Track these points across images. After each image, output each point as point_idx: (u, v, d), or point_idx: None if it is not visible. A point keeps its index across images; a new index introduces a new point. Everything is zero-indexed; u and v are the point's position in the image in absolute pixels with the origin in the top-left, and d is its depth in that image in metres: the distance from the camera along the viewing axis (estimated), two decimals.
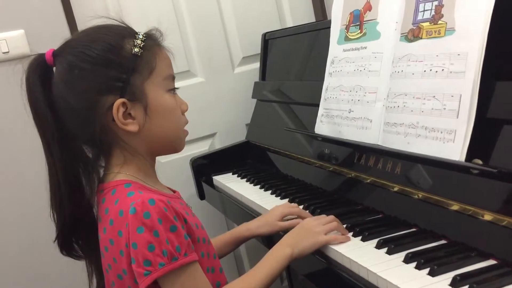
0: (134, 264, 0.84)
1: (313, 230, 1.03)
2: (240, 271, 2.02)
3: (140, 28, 0.96)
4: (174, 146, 0.99)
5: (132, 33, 0.94)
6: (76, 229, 0.96)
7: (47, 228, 0.98)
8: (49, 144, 0.92)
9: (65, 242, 0.97)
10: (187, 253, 0.86)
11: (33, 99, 0.91)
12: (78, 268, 1.04)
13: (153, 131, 0.93)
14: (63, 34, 1.64)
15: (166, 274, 0.84)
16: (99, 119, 0.89)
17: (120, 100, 0.89)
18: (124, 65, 0.90)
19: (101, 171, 0.96)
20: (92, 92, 0.89)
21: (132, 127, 0.91)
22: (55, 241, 0.96)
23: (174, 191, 1.03)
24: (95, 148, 0.95)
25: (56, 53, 0.93)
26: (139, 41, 0.92)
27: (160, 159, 1.74)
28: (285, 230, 1.11)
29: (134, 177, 0.93)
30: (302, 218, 1.16)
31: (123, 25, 0.95)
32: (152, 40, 0.94)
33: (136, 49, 0.91)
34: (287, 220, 1.18)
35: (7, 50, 1.63)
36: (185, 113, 1.00)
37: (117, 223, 0.88)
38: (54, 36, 1.62)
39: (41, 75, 0.92)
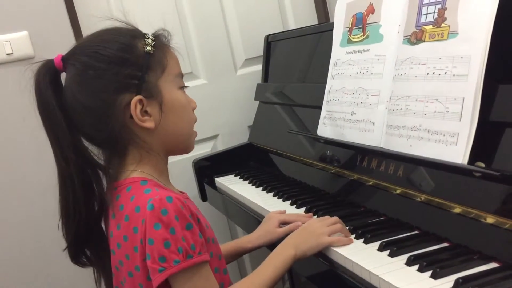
0: (149, 260, 0.85)
1: (317, 231, 1.03)
2: (242, 272, 2.02)
3: (144, 29, 0.98)
4: (186, 144, 1.01)
5: (141, 34, 0.96)
6: (89, 236, 0.96)
7: (54, 230, 0.97)
8: (63, 149, 0.91)
9: (77, 251, 0.97)
10: (201, 252, 0.86)
11: (45, 104, 0.91)
12: (83, 270, 1.03)
13: (169, 127, 0.95)
14: (66, 35, 1.67)
15: (180, 271, 0.84)
16: (117, 117, 0.90)
17: (137, 97, 0.90)
18: (139, 63, 0.91)
19: (112, 170, 0.96)
20: (108, 91, 0.90)
21: (149, 123, 0.92)
22: (65, 249, 0.96)
23: (182, 193, 1.03)
24: (109, 148, 0.95)
25: (66, 57, 0.94)
26: (150, 40, 0.94)
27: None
28: (283, 236, 1.12)
29: (149, 175, 0.94)
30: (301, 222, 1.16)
31: (130, 27, 0.97)
32: (161, 40, 0.96)
33: (149, 48, 0.93)
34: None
35: (11, 52, 1.64)
36: None
37: (133, 219, 0.88)
38: (58, 37, 1.65)
39: (51, 80, 0.92)
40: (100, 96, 0.90)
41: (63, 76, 0.95)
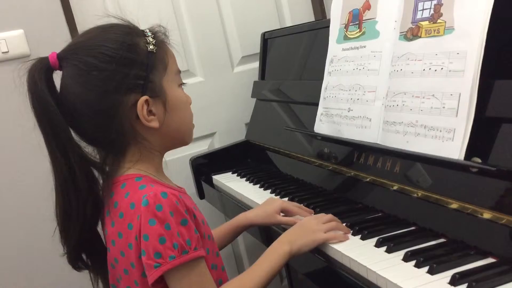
0: (144, 256, 0.84)
1: (312, 228, 1.04)
2: (240, 269, 2.03)
3: (140, 27, 0.97)
4: (187, 138, 1.01)
5: (140, 31, 0.95)
6: (90, 239, 0.95)
7: (50, 232, 0.96)
8: (66, 150, 0.89)
9: (77, 257, 0.96)
10: (196, 247, 0.86)
11: (41, 102, 0.89)
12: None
13: (172, 125, 0.95)
14: (62, 33, 1.67)
15: (175, 267, 0.84)
16: (123, 118, 0.90)
17: (144, 98, 0.90)
18: (143, 63, 0.91)
19: (108, 168, 0.96)
20: (115, 92, 0.89)
21: (154, 123, 0.92)
22: (64, 255, 0.95)
23: (180, 188, 1.03)
24: (108, 148, 0.94)
25: (63, 56, 0.92)
26: (151, 39, 0.93)
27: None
28: (281, 225, 1.12)
29: (145, 172, 0.93)
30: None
31: (127, 23, 0.95)
32: (159, 37, 0.96)
33: (151, 47, 0.92)
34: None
35: (6, 50, 1.63)
36: None
37: (128, 215, 0.88)
38: (54, 35, 1.65)
39: (46, 78, 0.90)
40: (106, 97, 0.89)
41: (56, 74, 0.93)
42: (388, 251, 0.95)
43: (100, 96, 0.89)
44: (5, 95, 1.61)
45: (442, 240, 0.96)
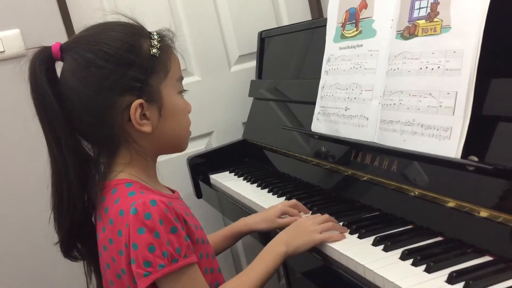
0: (134, 265, 0.84)
1: (309, 228, 1.03)
2: (238, 270, 2.02)
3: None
4: (181, 146, 1.00)
5: (147, 33, 0.93)
6: (82, 230, 0.94)
7: (46, 228, 0.97)
8: (59, 139, 0.89)
9: (70, 246, 0.96)
10: (187, 255, 0.85)
11: (40, 93, 0.88)
12: (76, 268, 1.03)
13: (165, 132, 0.93)
14: (59, 33, 1.67)
15: (166, 275, 0.84)
16: (115, 118, 0.89)
17: (138, 101, 0.89)
18: (143, 66, 0.90)
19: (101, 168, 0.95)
20: (110, 91, 0.88)
21: (147, 128, 0.91)
22: (56, 243, 0.95)
23: (173, 191, 1.03)
24: (100, 147, 0.94)
25: (66, 48, 0.91)
26: (155, 42, 0.92)
27: (157, 158, 1.74)
28: (282, 227, 1.12)
29: (136, 177, 0.92)
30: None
31: (136, 23, 0.94)
32: (166, 42, 0.95)
33: (154, 50, 0.91)
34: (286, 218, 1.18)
35: (2, 50, 1.62)
36: None
37: (117, 222, 0.87)
38: (50, 35, 1.64)
39: (47, 68, 0.90)
40: (101, 95, 0.88)
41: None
42: (385, 249, 0.95)
43: (95, 93, 0.88)
44: (1, 95, 1.61)
45: (439, 238, 0.96)
